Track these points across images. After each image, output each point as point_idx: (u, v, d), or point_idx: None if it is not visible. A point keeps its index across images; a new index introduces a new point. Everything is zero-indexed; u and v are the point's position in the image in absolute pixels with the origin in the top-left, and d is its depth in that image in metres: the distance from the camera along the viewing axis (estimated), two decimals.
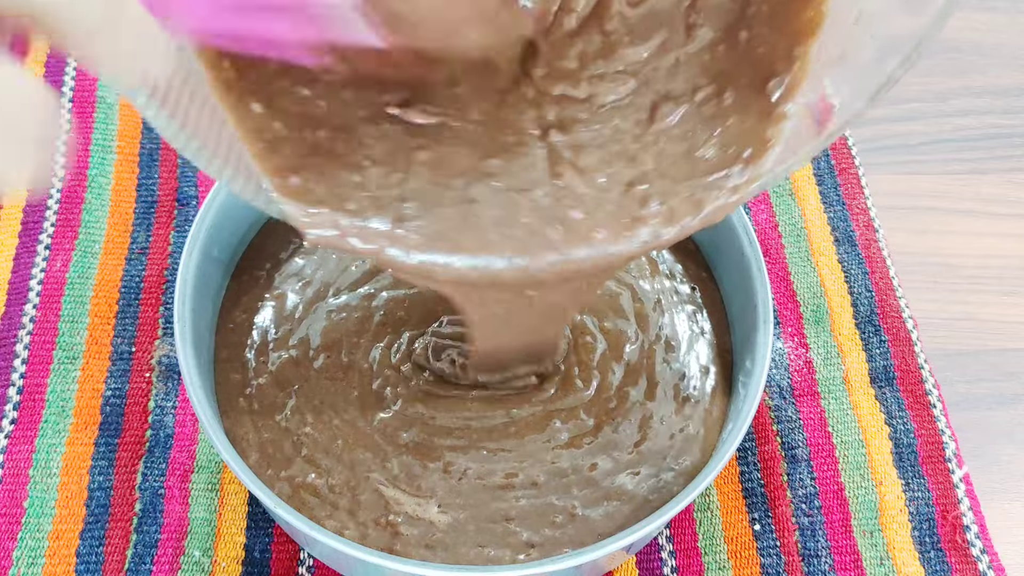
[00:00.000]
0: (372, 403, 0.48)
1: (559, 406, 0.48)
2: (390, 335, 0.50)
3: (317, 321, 0.50)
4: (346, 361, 0.49)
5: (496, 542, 0.44)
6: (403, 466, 0.46)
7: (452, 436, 0.47)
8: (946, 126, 0.67)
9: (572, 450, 0.47)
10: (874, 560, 0.49)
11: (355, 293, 0.51)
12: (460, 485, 0.45)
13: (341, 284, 0.51)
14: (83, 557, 0.48)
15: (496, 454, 0.46)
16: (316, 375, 0.48)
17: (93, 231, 0.58)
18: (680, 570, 0.49)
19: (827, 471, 0.51)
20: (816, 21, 0.37)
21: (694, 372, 0.49)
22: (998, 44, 0.70)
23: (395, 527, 0.44)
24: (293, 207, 0.38)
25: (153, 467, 0.50)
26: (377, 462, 0.46)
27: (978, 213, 0.63)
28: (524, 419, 0.47)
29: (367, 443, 0.46)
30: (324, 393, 0.48)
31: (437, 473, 0.46)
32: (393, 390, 0.48)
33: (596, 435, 0.47)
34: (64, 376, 0.52)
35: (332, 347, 0.49)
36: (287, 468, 0.46)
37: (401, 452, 0.46)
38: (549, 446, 0.47)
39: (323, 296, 0.51)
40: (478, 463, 0.46)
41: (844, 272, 0.58)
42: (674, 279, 0.52)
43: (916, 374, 0.54)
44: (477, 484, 0.46)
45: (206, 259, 0.48)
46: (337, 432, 0.47)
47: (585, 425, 0.47)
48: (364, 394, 0.48)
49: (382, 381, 0.48)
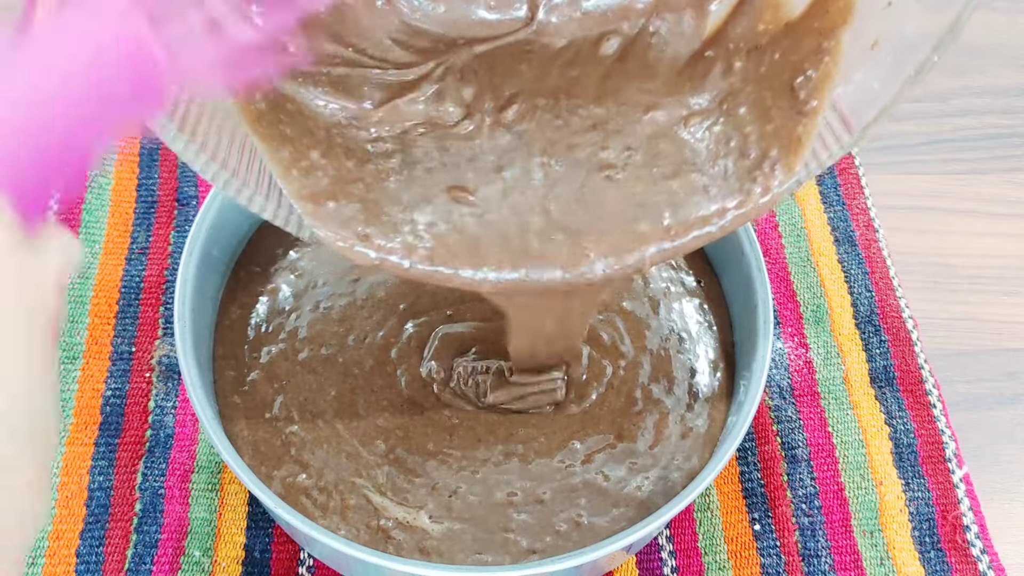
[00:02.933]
0: (351, 404, 0.47)
1: (579, 426, 0.47)
2: (380, 323, 0.49)
3: (304, 314, 0.50)
4: (326, 354, 0.48)
5: (495, 550, 0.44)
6: (388, 476, 0.45)
7: (436, 457, 0.46)
8: (946, 126, 0.67)
9: (586, 465, 0.46)
10: (874, 560, 0.49)
11: (342, 280, 0.51)
12: (451, 502, 0.45)
13: (331, 273, 0.51)
14: (83, 557, 0.48)
15: (495, 474, 0.46)
16: (301, 369, 0.48)
17: (93, 231, 0.58)
18: (680, 570, 0.49)
19: (827, 471, 0.51)
20: (847, 10, 0.37)
21: (703, 368, 0.49)
22: (998, 44, 0.70)
23: (386, 531, 0.44)
24: (327, 232, 0.38)
25: (153, 467, 0.50)
26: (362, 469, 0.45)
27: (978, 213, 0.63)
28: (533, 443, 0.47)
29: (348, 448, 0.46)
30: (308, 390, 0.47)
31: (424, 489, 0.45)
32: (378, 392, 0.48)
33: (616, 445, 0.46)
34: (64, 376, 0.52)
35: (315, 339, 0.49)
36: (279, 467, 0.45)
37: (384, 463, 0.46)
38: (563, 466, 0.46)
39: (313, 286, 0.50)
40: (469, 484, 0.45)
41: (844, 272, 0.58)
42: (680, 271, 0.52)
43: (916, 374, 0.54)
44: (472, 501, 0.45)
45: (206, 259, 0.48)
46: (320, 432, 0.46)
47: (606, 438, 0.47)
48: (342, 393, 0.47)
49: (369, 378, 0.48)
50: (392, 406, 0.47)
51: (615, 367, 0.49)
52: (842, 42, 0.37)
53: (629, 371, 0.49)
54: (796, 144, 0.38)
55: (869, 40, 0.36)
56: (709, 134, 0.40)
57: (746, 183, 0.39)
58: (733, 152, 0.39)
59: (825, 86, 0.38)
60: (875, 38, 0.36)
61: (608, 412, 0.48)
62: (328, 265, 0.51)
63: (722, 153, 0.40)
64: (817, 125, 0.38)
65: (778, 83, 0.39)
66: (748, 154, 0.39)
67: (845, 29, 0.37)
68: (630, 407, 0.48)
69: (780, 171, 0.38)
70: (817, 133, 0.38)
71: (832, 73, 0.38)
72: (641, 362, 0.49)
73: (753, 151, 0.39)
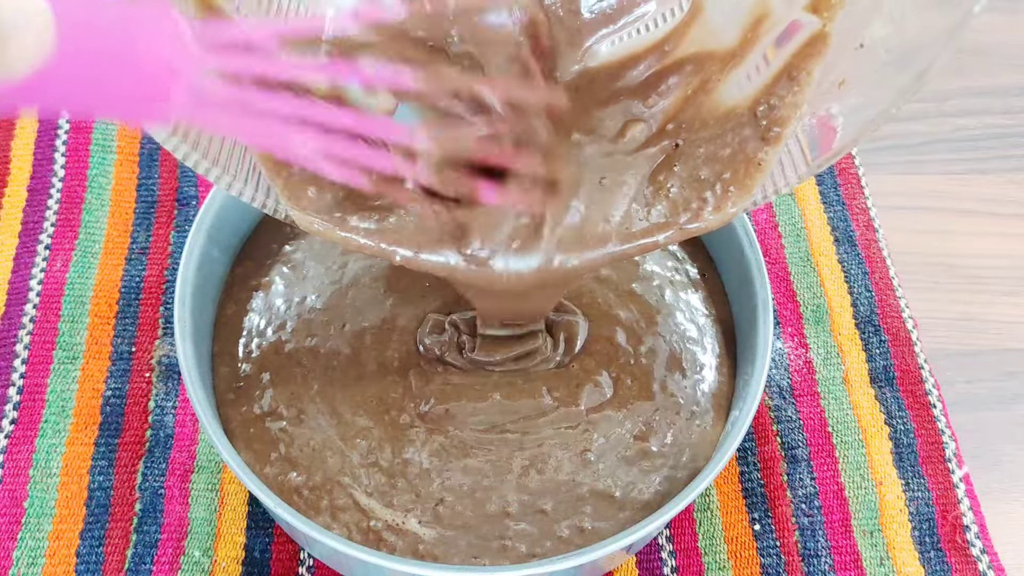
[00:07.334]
0: (332, 398, 0.47)
1: (595, 432, 0.47)
2: (362, 311, 0.49)
3: (293, 306, 0.50)
4: (310, 345, 0.48)
5: (492, 556, 0.43)
6: (373, 479, 0.45)
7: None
8: (946, 126, 0.67)
9: (596, 472, 0.45)
10: (874, 560, 0.49)
11: (330, 270, 0.50)
12: (438, 510, 0.44)
13: (321, 265, 0.51)
14: (83, 557, 0.48)
15: (495, 481, 0.45)
16: (288, 361, 0.48)
17: (93, 231, 0.58)
18: (680, 570, 0.49)
19: (827, 471, 0.51)
20: (823, 42, 0.38)
21: (711, 363, 0.49)
22: (998, 44, 0.70)
23: (377, 534, 0.43)
24: (304, 216, 0.38)
25: (153, 467, 0.50)
26: (346, 468, 0.45)
27: (978, 213, 0.63)
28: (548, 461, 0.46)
29: (332, 446, 0.46)
30: (294, 383, 0.47)
31: (408, 495, 0.45)
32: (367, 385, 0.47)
33: (637, 444, 0.46)
34: (64, 376, 0.52)
35: (301, 330, 0.49)
36: (271, 466, 0.45)
37: (368, 466, 0.45)
38: (571, 481, 0.45)
39: (303, 278, 0.50)
40: (462, 496, 0.45)
41: (844, 272, 0.58)
42: (683, 262, 0.52)
43: (916, 374, 0.54)
44: (462, 511, 0.44)
45: (206, 259, 0.48)
46: (306, 428, 0.46)
47: (624, 438, 0.46)
48: (323, 386, 0.47)
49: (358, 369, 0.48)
50: (373, 400, 0.47)
51: (636, 355, 0.49)
52: (813, 74, 0.38)
53: (648, 358, 0.49)
54: (755, 168, 0.40)
55: (838, 78, 0.38)
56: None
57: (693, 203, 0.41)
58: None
59: (793, 115, 0.39)
60: (843, 77, 0.37)
61: (626, 410, 0.47)
62: (319, 257, 0.51)
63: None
64: (780, 151, 0.39)
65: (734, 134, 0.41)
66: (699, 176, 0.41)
67: (818, 62, 0.38)
68: (648, 400, 0.47)
69: (735, 193, 0.40)
70: (778, 160, 0.40)
71: (800, 103, 0.39)
72: (656, 351, 0.49)
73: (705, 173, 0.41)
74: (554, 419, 0.46)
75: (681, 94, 0.42)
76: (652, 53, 0.43)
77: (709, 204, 0.40)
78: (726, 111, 0.41)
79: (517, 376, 0.47)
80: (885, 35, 0.36)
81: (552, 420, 0.46)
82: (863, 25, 0.37)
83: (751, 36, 0.40)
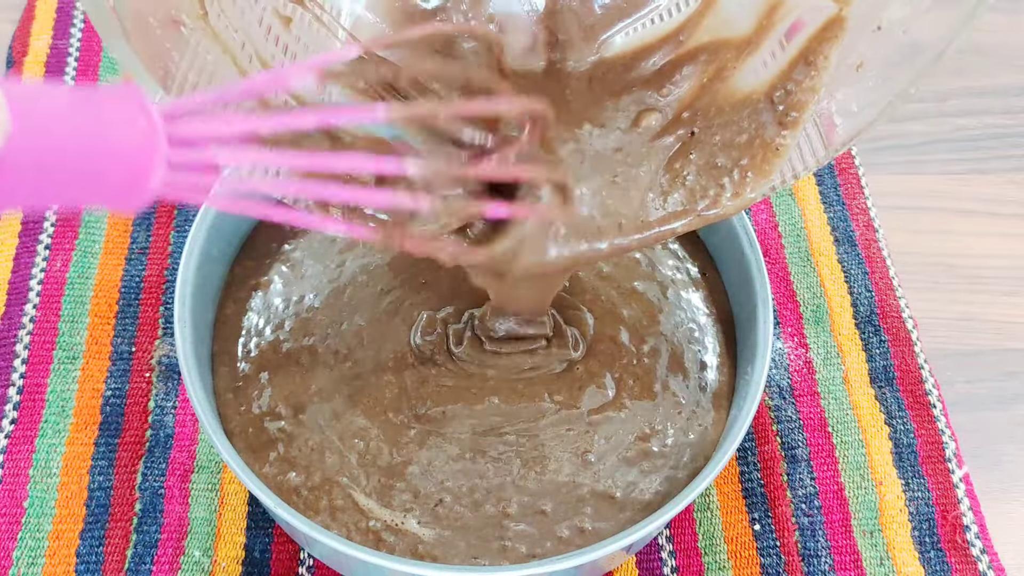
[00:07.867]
0: (330, 397, 0.47)
1: (601, 433, 0.47)
2: (358, 308, 0.49)
3: (291, 305, 0.50)
4: (308, 344, 0.48)
5: (492, 556, 0.43)
6: (371, 479, 0.45)
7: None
8: (946, 126, 0.67)
9: (597, 473, 0.45)
10: (874, 560, 0.49)
11: (328, 268, 0.50)
12: (437, 511, 0.44)
13: (321, 264, 0.51)
14: (83, 557, 0.48)
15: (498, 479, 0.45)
16: (286, 361, 0.48)
17: (93, 231, 0.58)
18: (680, 570, 0.49)
19: (827, 471, 0.51)
20: (840, 26, 0.38)
21: (712, 362, 0.49)
22: (998, 44, 0.70)
23: (376, 534, 0.43)
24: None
25: (153, 467, 0.50)
26: (345, 468, 0.45)
27: (978, 213, 0.63)
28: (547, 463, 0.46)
29: (330, 445, 0.46)
30: (292, 382, 0.47)
31: (407, 495, 0.44)
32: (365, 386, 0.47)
33: (638, 444, 0.46)
34: (64, 376, 0.52)
35: (299, 329, 0.49)
36: (270, 466, 0.45)
37: (366, 466, 0.45)
38: (571, 482, 0.45)
39: (301, 277, 0.50)
40: (462, 496, 0.45)
41: (844, 272, 0.58)
42: (684, 260, 0.52)
43: (916, 374, 0.54)
44: (461, 512, 0.44)
45: (206, 259, 0.48)
46: (305, 428, 0.46)
47: (625, 439, 0.46)
48: (322, 386, 0.47)
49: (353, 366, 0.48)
50: (370, 400, 0.47)
51: (638, 355, 0.49)
52: (830, 58, 0.38)
53: (650, 358, 0.49)
54: (773, 153, 0.40)
55: (855, 61, 0.37)
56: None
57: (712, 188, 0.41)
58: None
59: (810, 100, 0.39)
60: (861, 59, 0.37)
61: (628, 411, 0.47)
62: (318, 255, 0.51)
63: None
64: (798, 136, 0.39)
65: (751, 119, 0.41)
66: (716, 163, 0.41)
67: (835, 45, 0.38)
68: (650, 401, 0.47)
69: (752, 178, 0.40)
70: (796, 144, 0.39)
71: (818, 87, 0.38)
72: (659, 350, 0.49)
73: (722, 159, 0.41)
74: (554, 421, 0.46)
75: (696, 83, 0.42)
76: (666, 43, 0.43)
77: (727, 190, 0.40)
78: (742, 98, 0.41)
79: (518, 380, 0.47)
80: (903, 16, 0.36)
81: (552, 422, 0.46)
82: (880, 7, 0.36)
83: (766, 23, 0.40)
